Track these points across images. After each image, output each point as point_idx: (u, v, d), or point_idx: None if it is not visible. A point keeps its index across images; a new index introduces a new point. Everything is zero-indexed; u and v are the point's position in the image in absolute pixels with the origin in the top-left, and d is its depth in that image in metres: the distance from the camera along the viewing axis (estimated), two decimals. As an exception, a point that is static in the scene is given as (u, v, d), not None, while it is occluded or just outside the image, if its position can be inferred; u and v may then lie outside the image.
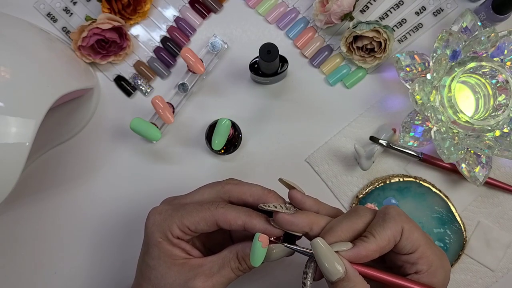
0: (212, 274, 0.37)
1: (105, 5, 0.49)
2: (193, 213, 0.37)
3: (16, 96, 0.38)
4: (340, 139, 0.52)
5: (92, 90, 0.51)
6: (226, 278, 0.38)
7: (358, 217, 0.36)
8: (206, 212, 0.37)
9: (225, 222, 0.37)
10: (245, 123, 0.52)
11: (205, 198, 0.40)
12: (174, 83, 0.52)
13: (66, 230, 0.51)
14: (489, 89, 0.49)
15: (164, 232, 0.38)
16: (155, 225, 0.38)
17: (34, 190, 0.51)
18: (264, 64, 0.47)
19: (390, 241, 0.34)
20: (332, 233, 0.35)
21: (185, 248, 0.38)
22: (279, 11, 0.53)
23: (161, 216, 0.39)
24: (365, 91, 0.53)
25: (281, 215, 0.36)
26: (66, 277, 0.51)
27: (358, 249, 0.33)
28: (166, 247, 0.38)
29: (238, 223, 0.37)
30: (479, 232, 0.51)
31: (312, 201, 0.38)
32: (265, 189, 0.39)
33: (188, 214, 0.38)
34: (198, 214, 0.37)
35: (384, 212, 0.36)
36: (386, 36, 0.48)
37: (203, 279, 0.37)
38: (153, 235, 0.38)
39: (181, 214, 0.38)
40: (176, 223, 0.37)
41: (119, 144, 0.52)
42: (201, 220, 0.37)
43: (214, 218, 0.37)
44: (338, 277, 0.32)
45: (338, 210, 0.40)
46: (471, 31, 0.49)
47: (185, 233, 0.38)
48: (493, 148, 0.46)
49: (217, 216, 0.37)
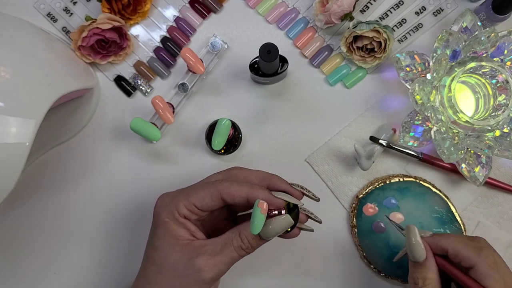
0: (215, 253, 0.38)
1: (105, 5, 0.49)
2: (199, 189, 0.39)
3: (16, 96, 0.38)
4: (340, 139, 0.52)
5: (92, 90, 0.51)
6: (228, 257, 0.38)
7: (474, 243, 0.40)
8: (211, 187, 0.39)
9: (229, 195, 0.38)
10: (245, 123, 0.52)
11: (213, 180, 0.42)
12: (174, 83, 0.52)
13: (66, 230, 0.51)
14: (489, 89, 0.49)
15: (171, 211, 0.39)
16: (163, 206, 0.40)
17: (34, 190, 0.51)
18: (264, 64, 0.47)
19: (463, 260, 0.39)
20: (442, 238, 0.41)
21: (190, 228, 0.39)
22: (279, 11, 0.53)
23: (168, 198, 0.40)
24: (365, 91, 0.53)
25: None
26: (66, 277, 0.51)
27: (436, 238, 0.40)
28: (172, 226, 0.39)
29: (241, 195, 0.38)
30: (479, 232, 0.51)
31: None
32: (269, 173, 0.42)
33: (194, 191, 0.39)
34: (204, 189, 0.39)
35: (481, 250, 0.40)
36: (386, 36, 0.48)
37: (206, 257, 0.38)
38: (159, 216, 0.39)
39: (187, 193, 0.39)
40: (182, 202, 0.39)
41: (119, 144, 0.52)
42: (206, 195, 0.39)
43: (218, 192, 0.38)
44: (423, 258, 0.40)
45: None
46: (471, 31, 0.49)
47: (192, 211, 0.39)
48: (493, 148, 0.46)
49: (221, 189, 0.38)
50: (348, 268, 0.51)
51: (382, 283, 0.51)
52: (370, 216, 0.50)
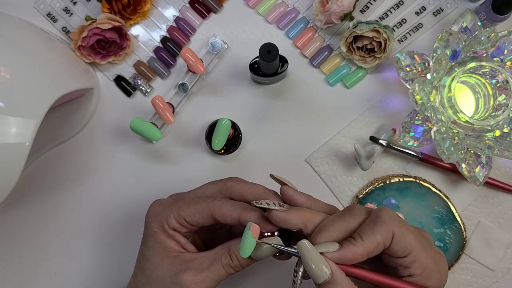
0: (203, 269, 0.37)
1: (105, 5, 0.49)
2: (190, 205, 0.38)
3: (16, 96, 0.38)
4: (340, 139, 0.52)
5: (92, 90, 0.51)
6: (216, 274, 0.37)
7: (352, 216, 0.35)
8: (203, 204, 0.38)
9: (221, 214, 0.37)
10: (245, 123, 0.52)
11: (207, 193, 0.40)
12: (174, 83, 0.52)
13: (66, 230, 0.51)
14: (489, 89, 0.49)
15: (161, 222, 0.38)
16: (154, 215, 0.39)
17: (34, 190, 0.51)
18: (264, 64, 0.47)
19: (379, 245, 0.33)
20: (324, 232, 0.34)
21: (179, 241, 0.39)
22: (279, 11, 0.53)
23: (160, 207, 0.39)
24: (365, 91, 0.53)
25: (274, 212, 0.35)
26: (66, 277, 0.51)
27: (345, 251, 0.33)
28: (161, 237, 0.38)
29: (233, 216, 0.37)
30: (479, 232, 0.51)
31: (304, 197, 0.38)
32: (267, 189, 0.39)
33: (185, 205, 0.38)
34: (195, 206, 0.38)
35: (376, 214, 0.34)
36: (386, 36, 0.48)
37: (193, 273, 0.36)
38: (150, 225, 0.39)
39: (178, 206, 0.38)
40: (173, 214, 0.38)
41: (119, 144, 0.52)
42: (197, 212, 0.37)
43: (209, 210, 0.37)
44: (324, 280, 0.32)
45: (332, 207, 0.39)
46: (471, 31, 0.49)
47: (182, 225, 0.38)
48: (493, 148, 0.46)
49: (213, 208, 0.37)
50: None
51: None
52: (370, 216, 0.50)
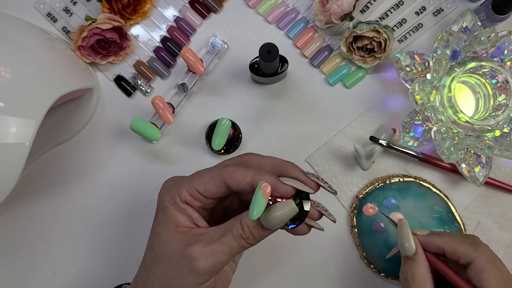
0: (213, 241, 0.34)
1: (105, 5, 0.49)
2: (203, 174, 0.36)
3: (16, 96, 0.38)
4: (340, 139, 0.52)
5: (92, 90, 0.51)
6: (227, 246, 0.34)
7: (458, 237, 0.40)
8: (215, 171, 0.36)
9: (233, 180, 0.35)
10: (245, 123, 0.52)
11: None
12: (174, 83, 0.52)
13: (66, 230, 0.51)
14: (489, 89, 0.49)
15: (172, 196, 0.36)
16: (166, 190, 0.37)
17: (34, 190, 0.51)
18: (264, 64, 0.47)
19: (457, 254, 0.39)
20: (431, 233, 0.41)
21: (191, 215, 0.36)
22: (279, 11, 0.53)
23: (173, 181, 0.38)
24: (365, 91, 0.53)
25: None
26: (66, 277, 0.51)
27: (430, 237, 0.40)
28: (172, 212, 0.36)
29: (246, 180, 0.34)
30: (479, 232, 0.51)
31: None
32: (284, 160, 0.37)
33: (198, 175, 0.36)
34: (208, 174, 0.36)
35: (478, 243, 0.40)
36: (386, 36, 0.48)
37: (202, 245, 0.34)
38: (162, 200, 0.37)
39: (191, 177, 0.37)
40: (185, 186, 0.36)
41: (119, 144, 0.52)
42: (210, 180, 0.36)
43: (222, 177, 0.35)
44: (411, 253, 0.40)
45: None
46: (471, 31, 0.49)
47: (194, 197, 0.36)
48: (493, 148, 0.46)
49: (225, 174, 0.35)
50: (348, 268, 0.51)
51: (382, 283, 0.51)
52: (370, 216, 0.50)
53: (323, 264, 0.51)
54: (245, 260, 0.39)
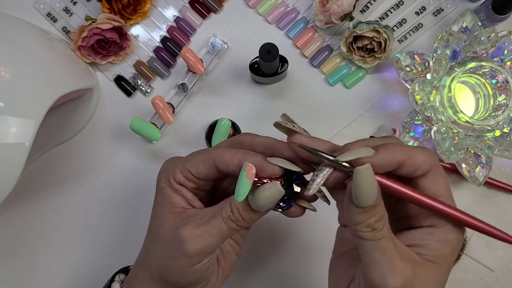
0: (202, 223, 0.34)
1: (105, 5, 0.49)
2: (196, 155, 0.37)
3: (16, 96, 0.38)
4: (340, 139, 0.52)
5: (92, 90, 0.51)
6: (216, 228, 0.34)
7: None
8: (206, 153, 0.36)
9: (222, 162, 0.34)
10: (245, 123, 0.52)
11: None
12: (174, 83, 0.52)
13: (66, 230, 0.51)
14: (489, 89, 0.49)
15: (168, 177, 0.37)
16: (163, 171, 0.38)
17: (34, 190, 0.51)
18: (264, 64, 0.47)
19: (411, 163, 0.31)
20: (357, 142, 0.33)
21: (186, 196, 0.37)
22: (279, 11, 0.53)
23: (170, 162, 0.38)
24: (365, 91, 0.53)
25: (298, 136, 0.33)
26: (66, 277, 0.51)
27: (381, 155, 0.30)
28: (168, 192, 0.37)
29: (234, 162, 0.34)
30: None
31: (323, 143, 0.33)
32: (277, 140, 0.36)
33: (192, 157, 0.37)
34: (200, 156, 0.36)
35: None
36: (386, 36, 0.48)
37: (192, 226, 0.34)
38: (159, 181, 0.38)
39: (185, 159, 0.37)
40: (179, 167, 0.36)
41: (119, 144, 0.52)
42: (201, 161, 0.36)
43: (212, 159, 0.35)
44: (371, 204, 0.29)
45: None
46: (471, 31, 0.49)
47: (187, 178, 0.36)
48: (493, 148, 0.46)
49: (215, 156, 0.35)
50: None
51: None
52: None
53: (323, 262, 0.51)
54: (242, 257, 0.39)
